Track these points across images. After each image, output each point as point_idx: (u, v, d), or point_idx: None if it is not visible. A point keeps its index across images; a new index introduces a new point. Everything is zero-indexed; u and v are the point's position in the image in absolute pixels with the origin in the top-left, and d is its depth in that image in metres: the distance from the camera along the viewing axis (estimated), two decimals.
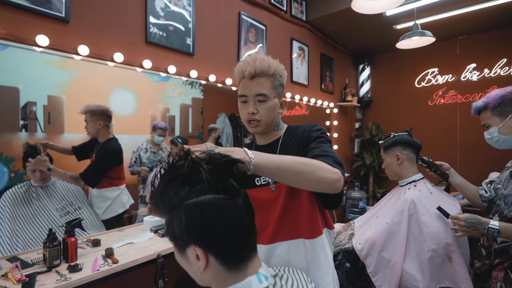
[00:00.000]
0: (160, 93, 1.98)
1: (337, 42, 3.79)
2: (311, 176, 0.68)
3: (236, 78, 0.92)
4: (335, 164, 0.73)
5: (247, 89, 0.86)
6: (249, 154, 0.63)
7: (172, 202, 0.51)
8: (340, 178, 0.72)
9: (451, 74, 3.62)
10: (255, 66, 0.84)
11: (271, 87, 0.87)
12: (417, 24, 2.31)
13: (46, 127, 1.47)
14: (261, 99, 0.85)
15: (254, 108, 0.86)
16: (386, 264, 1.28)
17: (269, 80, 0.86)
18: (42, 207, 1.55)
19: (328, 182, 0.69)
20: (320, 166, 0.69)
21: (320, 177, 0.68)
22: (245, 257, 0.54)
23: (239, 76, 0.89)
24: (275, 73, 0.87)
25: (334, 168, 0.71)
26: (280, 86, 0.90)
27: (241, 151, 0.63)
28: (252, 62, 0.85)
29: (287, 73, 0.94)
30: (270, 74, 0.86)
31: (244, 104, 0.88)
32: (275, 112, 0.89)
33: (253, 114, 0.86)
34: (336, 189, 0.71)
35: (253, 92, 0.85)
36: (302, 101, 3.11)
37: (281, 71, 0.89)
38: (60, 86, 1.51)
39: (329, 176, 0.69)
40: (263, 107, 0.86)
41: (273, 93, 0.87)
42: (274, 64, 0.87)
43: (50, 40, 1.32)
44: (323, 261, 0.86)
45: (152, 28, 1.77)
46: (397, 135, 1.50)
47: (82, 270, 1.19)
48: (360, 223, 1.56)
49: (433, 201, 1.32)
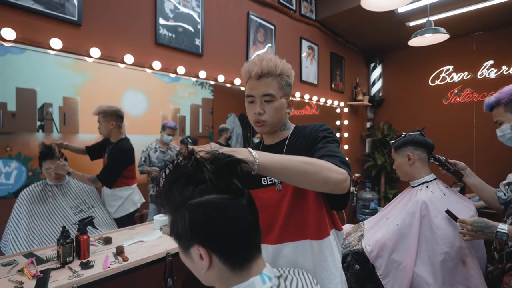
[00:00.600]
0: (171, 93, 2.00)
1: (347, 41, 3.74)
2: (317, 177, 0.67)
3: (243, 78, 0.91)
4: (341, 164, 0.72)
5: (254, 89, 0.86)
6: (253, 154, 0.63)
7: (176, 201, 0.52)
8: (347, 178, 0.70)
9: (467, 71, 3.50)
10: (262, 66, 0.83)
11: (278, 87, 0.86)
12: (430, 21, 2.24)
13: (61, 127, 1.51)
14: (268, 99, 0.85)
15: (260, 108, 0.86)
16: (397, 266, 1.25)
17: (276, 80, 0.86)
18: (57, 205, 1.59)
19: (334, 183, 0.68)
20: (326, 166, 0.68)
21: (326, 177, 0.67)
22: (248, 257, 0.54)
23: (246, 76, 0.88)
24: (282, 73, 0.86)
25: (340, 168, 0.70)
26: (287, 86, 0.90)
27: (246, 151, 0.63)
28: (259, 62, 0.84)
29: (294, 72, 0.93)
30: (277, 74, 0.85)
31: (251, 104, 0.88)
32: (282, 112, 0.89)
33: (260, 114, 0.86)
34: (342, 190, 0.70)
35: (260, 92, 0.85)
36: (312, 100, 3.09)
37: (288, 71, 0.89)
38: (74, 88, 1.55)
39: (335, 177, 0.68)
40: (269, 107, 0.86)
41: (280, 93, 0.87)
42: (281, 64, 0.86)
43: (63, 43, 1.36)
44: (330, 262, 0.85)
45: (162, 30, 1.80)
46: (409, 134, 1.46)
47: (93, 267, 1.22)
48: (370, 225, 1.53)
49: (446, 202, 1.28)
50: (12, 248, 1.37)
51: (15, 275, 1.15)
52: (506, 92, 1.14)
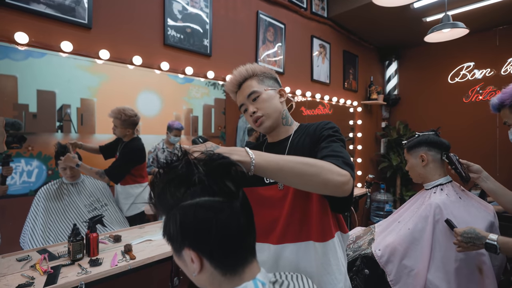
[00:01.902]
0: (184, 94, 2.03)
1: (361, 38, 3.64)
2: (316, 178, 0.64)
3: (233, 99, 0.96)
4: (344, 165, 0.69)
5: (240, 97, 0.92)
6: (250, 154, 0.61)
7: (169, 203, 0.51)
8: (349, 180, 0.67)
9: (490, 68, 3.32)
10: (235, 76, 0.91)
11: (258, 83, 0.90)
12: (448, 15, 2.14)
13: (79, 128, 1.56)
14: (253, 97, 0.88)
15: (253, 108, 0.88)
16: (408, 272, 1.20)
17: (253, 80, 0.90)
18: (72, 202, 1.64)
19: (334, 185, 0.65)
20: (326, 167, 0.66)
21: (326, 179, 0.64)
22: (241, 261, 0.52)
23: (231, 92, 0.94)
24: (254, 73, 0.91)
25: (343, 169, 0.67)
26: (267, 79, 0.92)
27: (242, 151, 0.62)
28: (232, 75, 0.92)
29: (273, 70, 0.97)
30: (250, 75, 0.91)
31: (246, 112, 0.92)
32: (273, 101, 0.90)
33: (254, 113, 0.88)
34: (343, 192, 0.67)
35: (245, 95, 0.89)
36: (324, 100, 3.03)
37: (261, 69, 0.93)
38: (91, 89, 1.60)
39: (336, 179, 0.65)
40: (258, 102, 0.88)
41: (262, 86, 0.90)
42: (251, 66, 0.91)
43: (74, 46, 1.40)
44: (334, 266, 0.82)
45: (170, 31, 1.81)
46: (422, 134, 1.40)
47: (101, 265, 1.24)
48: (381, 228, 1.48)
49: (461, 207, 1.21)
50: (30, 243, 1.43)
51: (28, 270, 1.19)
52: (509, 93, 1.08)
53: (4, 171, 1.32)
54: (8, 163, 1.33)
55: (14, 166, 1.36)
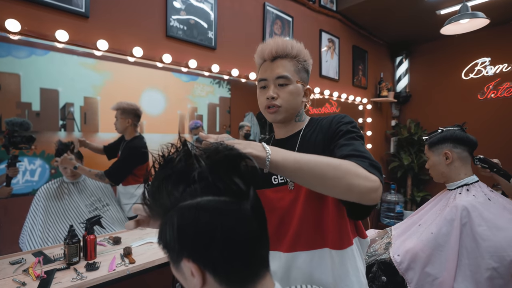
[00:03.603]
0: (189, 92, 1.99)
1: (371, 33, 3.52)
2: (339, 182, 0.55)
3: (256, 65, 0.84)
4: (371, 169, 0.59)
5: (267, 71, 0.78)
6: (266, 149, 0.54)
7: (165, 203, 0.42)
8: (379, 187, 0.58)
9: (507, 63, 3.17)
10: (277, 45, 0.76)
11: (294, 70, 0.77)
12: (466, 5, 2.01)
13: (82, 126, 1.53)
14: (282, 82, 0.76)
15: (274, 92, 0.76)
16: (432, 281, 1.10)
17: (292, 62, 0.77)
18: (72, 202, 1.58)
19: (360, 192, 0.56)
20: (353, 170, 0.56)
21: (351, 184, 0.55)
22: (252, 276, 0.43)
23: (260, 59, 0.81)
24: (298, 55, 0.78)
25: (371, 174, 0.58)
26: (304, 71, 0.80)
27: (259, 146, 0.54)
28: (273, 42, 0.77)
29: (312, 61, 0.84)
30: (293, 56, 0.77)
31: (263, 90, 0.79)
32: (297, 99, 0.78)
33: (273, 99, 0.76)
34: (370, 201, 0.58)
35: (274, 74, 0.76)
36: (332, 96, 2.92)
37: (305, 55, 0.80)
38: (95, 88, 1.57)
39: (363, 184, 0.56)
40: (284, 91, 0.76)
41: (296, 77, 0.78)
42: (297, 45, 0.78)
43: (70, 36, 1.33)
44: (353, 277, 0.72)
45: (173, 22, 1.73)
46: (446, 130, 1.28)
47: (99, 269, 1.17)
48: (398, 231, 1.37)
49: (492, 208, 1.10)
50: (28, 244, 1.37)
51: (20, 275, 1.12)
52: None
53: (10, 172, 1.29)
54: (15, 164, 1.29)
55: (17, 165, 1.33)
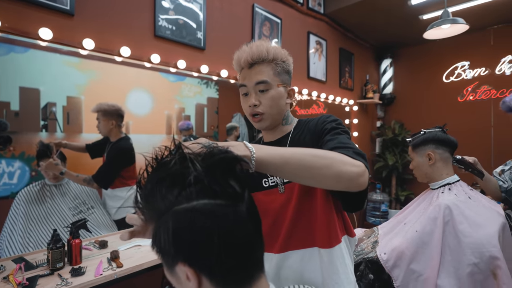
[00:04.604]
0: (176, 93, 1.97)
1: (357, 36, 3.60)
2: (328, 171, 0.56)
3: (236, 71, 0.83)
4: (356, 156, 0.61)
5: (246, 78, 0.77)
6: (249, 148, 0.53)
7: (159, 207, 0.42)
8: (364, 171, 0.59)
9: (484, 67, 3.32)
10: (252, 52, 0.75)
11: (273, 73, 0.76)
12: (447, 11, 2.10)
13: (65, 127, 1.49)
14: (262, 88, 0.76)
15: (255, 99, 0.76)
16: (416, 278, 1.13)
17: (270, 66, 0.76)
18: (55, 205, 1.53)
19: (349, 177, 0.57)
20: (338, 158, 0.58)
21: (339, 171, 0.56)
22: (247, 278, 0.43)
23: (238, 66, 0.80)
24: (275, 58, 0.77)
25: (356, 160, 0.59)
26: (284, 73, 0.79)
27: (241, 145, 0.54)
28: (248, 48, 0.76)
29: (292, 59, 0.83)
30: (270, 60, 0.76)
31: (245, 97, 0.79)
32: (280, 102, 0.78)
33: (255, 106, 0.76)
34: (359, 186, 0.59)
35: (253, 81, 0.76)
36: (320, 98, 2.96)
37: (283, 56, 0.79)
38: (78, 87, 1.53)
39: (350, 170, 0.57)
40: (265, 97, 0.76)
41: (276, 80, 0.77)
42: (273, 49, 0.77)
43: (54, 34, 1.29)
44: (342, 275, 0.73)
45: (161, 22, 1.71)
46: (428, 131, 1.33)
47: (85, 274, 1.14)
48: (385, 230, 1.41)
49: (472, 207, 1.15)
50: (7, 251, 1.31)
51: (0, 283, 1.07)
52: None
53: None
54: None
55: None
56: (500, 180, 1.38)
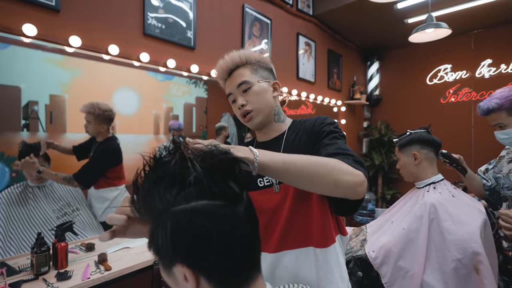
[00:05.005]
0: (164, 92, 1.94)
1: (345, 38, 3.67)
2: (326, 179, 0.58)
3: (222, 87, 0.88)
4: (355, 165, 0.62)
5: (229, 86, 0.83)
6: (253, 152, 0.55)
7: (157, 207, 0.41)
8: (363, 181, 0.61)
9: (465, 70, 3.46)
10: (226, 62, 0.82)
11: (251, 73, 0.81)
12: (431, 16, 2.17)
13: (48, 126, 1.44)
14: (244, 87, 0.80)
15: (242, 100, 0.80)
16: (404, 274, 1.16)
17: (246, 68, 0.81)
18: (38, 208, 1.48)
19: (347, 186, 0.59)
20: (338, 166, 0.59)
21: (338, 180, 0.58)
22: (245, 278, 0.43)
23: (221, 80, 0.86)
24: (248, 60, 0.82)
25: (356, 169, 0.61)
26: (262, 70, 0.83)
27: (246, 149, 0.56)
28: (222, 61, 0.83)
29: (269, 58, 0.87)
30: (244, 63, 0.82)
31: (235, 103, 0.83)
32: (266, 96, 0.81)
33: (243, 106, 0.80)
34: (357, 195, 0.61)
35: (234, 85, 0.80)
36: (309, 98, 3.00)
37: (256, 57, 0.83)
38: (62, 85, 1.48)
39: (349, 180, 0.59)
40: (249, 94, 0.80)
41: (255, 77, 0.81)
42: (244, 53, 0.82)
43: (38, 30, 1.24)
44: (336, 273, 0.75)
45: (151, 20, 1.68)
46: (414, 132, 1.38)
47: (71, 278, 1.11)
48: (373, 229, 1.44)
49: (456, 205, 1.19)
50: None
51: None
52: (506, 98, 1.18)
53: None
54: None
55: None
56: (484, 179, 1.42)
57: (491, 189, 1.38)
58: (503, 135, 1.23)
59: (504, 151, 1.38)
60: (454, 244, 1.10)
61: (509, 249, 1.17)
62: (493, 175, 1.37)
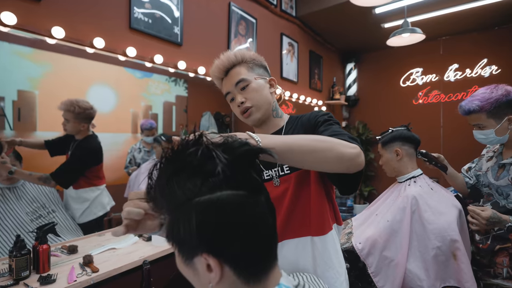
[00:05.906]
0: (143, 90, 1.89)
1: (325, 40, 3.78)
2: (330, 153, 0.60)
3: (218, 87, 0.90)
4: (351, 140, 0.67)
5: (227, 84, 0.84)
6: (254, 138, 0.56)
7: (177, 198, 0.41)
8: (360, 152, 0.65)
9: (435, 74, 3.70)
10: (222, 61, 0.83)
11: (247, 70, 0.83)
12: (407, 21, 2.31)
13: (15, 124, 1.35)
14: (242, 85, 0.82)
15: (240, 98, 0.82)
16: (388, 263, 1.23)
17: (242, 66, 0.84)
18: (9, 210, 1.37)
19: (349, 158, 0.62)
20: (337, 141, 0.63)
21: (340, 153, 0.61)
22: (266, 267, 0.45)
23: (217, 80, 0.88)
24: (244, 58, 0.84)
25: (352, 143, 0.65)
26: (258, 67, 0.86)
27: (244, 135, 0.57)
28: (218, 61, 0.85)
29: (263, 57, 0.91)
30: (239, 61, 0.84)
31: (233, 102, 0.85)
32: (264, 92, 0.84)
33: (242, 103, 0.82)
34: (358, 166, 0.64)
35: (232, 83, 0.82)
36: (292, 98, 3.06)
37: (251, 55, 0.86)
38: (32, 80, 1.39)
39: (350, 151, 0.62)
40: (248, 91, 0.82)
41: (252, 75, 0.83)
42: (240, 52, 0.84)
43: (18, 19, 1.16)
44: (335, 259, 0.79)
45: (137, 14, 1.63)
46: (395, 130, 1.46)
47: (55, 282, 1.05)
48: (358, 222, 1.51)
49: (434, 196, 1.28)
50: None
51: None
52: (487, 100, 1.21)
53: None
54: None
55: None
56: (467, 177, 1.46)
57: (472, 186, 1.43)
58: (481, 135, 1.27)
59: (484, 150, 1.43)
60: (434, 233, 1.19)
61: (480, 242, 1.25)
62: (474, 173, 1.41)
